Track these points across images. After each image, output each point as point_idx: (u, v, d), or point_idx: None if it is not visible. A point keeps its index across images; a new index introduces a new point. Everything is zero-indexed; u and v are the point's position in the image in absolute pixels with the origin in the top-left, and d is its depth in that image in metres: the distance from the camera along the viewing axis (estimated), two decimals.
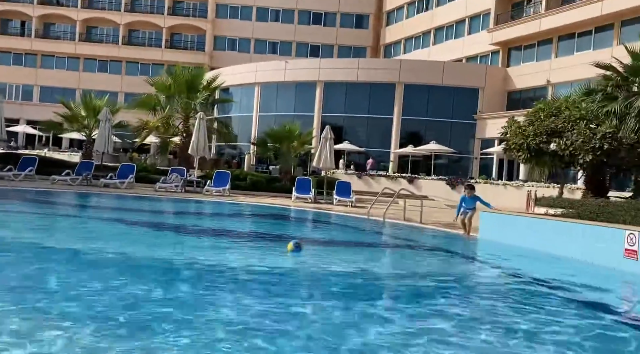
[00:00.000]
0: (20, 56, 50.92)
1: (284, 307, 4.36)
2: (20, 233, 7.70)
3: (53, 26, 51.67)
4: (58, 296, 4.28)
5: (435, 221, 13.43)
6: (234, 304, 4.37)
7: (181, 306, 4.17)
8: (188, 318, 3.85)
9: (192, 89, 22.11)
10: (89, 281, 4.86)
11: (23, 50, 50.54)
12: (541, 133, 17.90)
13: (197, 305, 4.30)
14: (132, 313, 3.93)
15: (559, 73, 31.18)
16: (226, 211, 13.61)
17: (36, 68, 50.72)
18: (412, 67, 35.58)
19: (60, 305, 3.97)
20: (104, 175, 18.64)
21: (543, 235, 8.10)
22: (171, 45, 50.81)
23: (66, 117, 22.90)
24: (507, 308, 4.94)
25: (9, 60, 50.90)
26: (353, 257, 7.49)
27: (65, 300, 4.12)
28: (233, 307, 4.27)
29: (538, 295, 5.61)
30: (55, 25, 51.56)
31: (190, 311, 4.04)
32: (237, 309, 4.24)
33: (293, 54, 48.89)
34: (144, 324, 3.64)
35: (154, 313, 3.94)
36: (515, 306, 5.04)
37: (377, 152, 36.21)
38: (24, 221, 9.13)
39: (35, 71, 50.50)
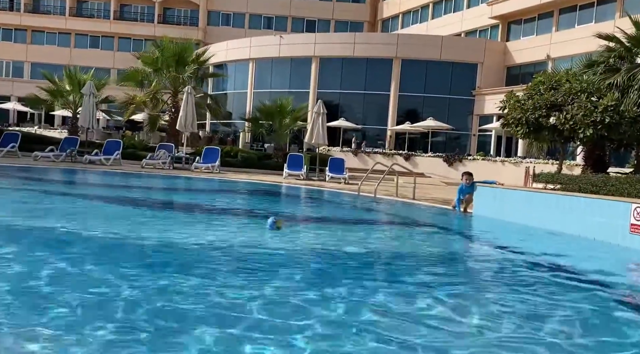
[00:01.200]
0: (10, 31, 49.79)
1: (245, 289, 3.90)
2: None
3: (43, 0, 50.39)
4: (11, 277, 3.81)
5: (430, 198, 12.97)
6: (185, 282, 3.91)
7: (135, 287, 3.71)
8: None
9: (181, 63, 21.39)
10: (46, 259, 4.39)
11: (12, 26, 49.39)
12: (540, 107, 17.28)
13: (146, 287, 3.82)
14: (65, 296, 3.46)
15: (559, 48, 30.42)
16: (210, 188, 13.10)
17: (26, 44, 49.62)
18: (410, 42, 34.75)
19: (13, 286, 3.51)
20: (89, 152, 18.11)
21: (541, 210, 7.64)
22: (164, 20, 49.65)
23: (50, 91, 22.16)
24: (496, 291, 4.48)
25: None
26: (334, 234, 6.99)
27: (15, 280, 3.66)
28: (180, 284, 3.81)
29: (532, 275, 5.14)
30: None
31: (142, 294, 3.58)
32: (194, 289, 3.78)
33: (289, 29, 47.81)
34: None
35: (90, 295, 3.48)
36: (505, 288, 4.58)
37: (374, 129, 35.65)
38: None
39: (26, 47, 49.42)
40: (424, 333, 3.16)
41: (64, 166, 15.79)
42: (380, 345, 2.93)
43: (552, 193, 7.56)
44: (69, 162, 17.20)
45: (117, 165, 17.55)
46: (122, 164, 18.07)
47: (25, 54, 49.16)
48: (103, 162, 17.39)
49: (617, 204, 6.32)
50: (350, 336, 3.00)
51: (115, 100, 23.28)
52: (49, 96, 22.52)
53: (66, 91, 22.15)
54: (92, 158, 17.58)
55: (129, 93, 23.01)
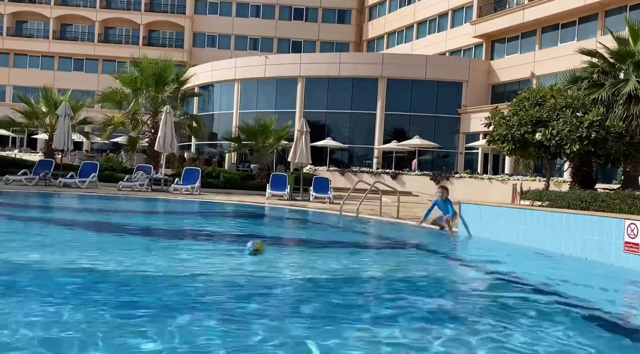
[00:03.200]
0: None
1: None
2: None
3: (25, 24, 50.06)
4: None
5: (415, 217, 12.55)
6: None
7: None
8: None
9: (161, 82, 20.98)
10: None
11: None
12: (526, 123, 17.06)
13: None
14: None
15: (543, 65, 30.58)
16: (184, 210, 12.57)
17: (8, 67, 49.09)
18: (395, 61, 34.81)
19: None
20: (64, 174, 17.49)
21: (529, 229, 7.24)
22: (149, 42, 49.47)
23: (26, 113, 21.55)
24: (479, 317, 4.01)
25: None
26: (307, 258, 6.49)
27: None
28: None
29: (519, 301, 4.68)
30: (27, 22, 49.97)
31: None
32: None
33: (274, 50, 47.83)
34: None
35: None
36: (490, 315, 4.11)
37: (361, 149, 35.42)
38: None
39: (8, 70, 48.88)
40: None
41: (36, 190, 15.18)
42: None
43: (540, 210, 7.17)
44: (42, 186, 16.58)
45: (93, 187, 16.95)
46: (99, 187, 17.48)
47: (7, 78, 48.59)
48: (78, 184, 16.79)
49: (609, 221, 5.91)
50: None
51: (93, 121, 22.73)
52: (24, 118, 21.93)
53: (42, 113, 21.59)
54: (66, 181, 16.97)
55: (107, 115, 22.49)
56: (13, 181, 16.63)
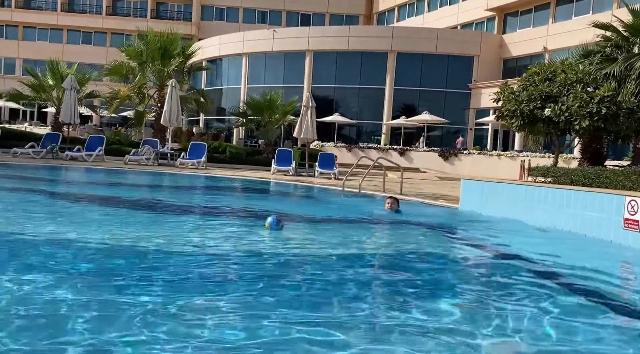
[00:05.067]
0: (1, 28, 49.16)
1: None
2: None
3: None
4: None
5: (418, 193, 12.48)
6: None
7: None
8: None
9: (167, 56, 20.82)
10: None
11: (3, 22, 48.77)
12: (535, 99, 16.76)
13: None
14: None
15: (556, 39, 29.86)
16: (191, 184, 12.59)
17: (18, 40, 49.02)
18: (405, 35, 34.19)
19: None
20: (71, 148, 17.59)
21: (529, 204, 7.15)
22: (157, 15, 49.03)
23: (32, 86, 21.56)
24: (473, 294, 3.98)
25: None
26: (303, 233, 6.46)
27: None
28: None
29: (513, 276, 4.64)
30: None
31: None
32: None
33: (283, 23, 47.18)
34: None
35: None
36: (484, 291, 4.08)
37: (369, 124, 35.15)
38: None
39: (17, 43, 48.81)
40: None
41: (43, 163, 15.27)
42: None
43: (540, 186, 7.06)
44: (49, 159, 16.69)
45: (99, 161, 17.04)
46: (106, 160, 17.56)
47: (17, 51, 48.56)
48: (85, 158, 16.87)
49: (609, 197, 5.80)
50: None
51: (99, 94, 22.70)
52: (31, 91, 21.95)
53: (49, 86, 21.58)
54: (73, 154, 17.05)
55: (113, 88, 22.44)
56: (21, 154, 16.75)
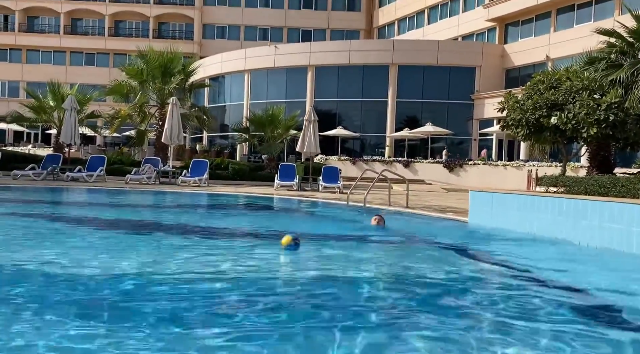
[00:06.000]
0: (5, 51, 49.60)
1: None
2: None
3: (37, 19, 50.28)
4: None
5: (425, 206, 12.19)
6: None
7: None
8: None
9: (167, 74, 20.76)
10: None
11: (7, 45, 49.23)
12: (541, 107, 16.51)
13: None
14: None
15: (558, 48, 29.74)
16: (189, 203, 12.34)
17: (21, 63, 49.41)
18: (406, 47, 34.20)
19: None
20: (72, 169, 17.43)
21: (544, 217, 6.84)
22: (159, 35, 49.36)
23: (33, 108, 21.52)
24: (486, 322, 3.66)
25: None
26: (320, 254, 6.17)
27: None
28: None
29: (526, 293, 4.33)
30: (39, 18, 50.18)
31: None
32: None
33: (284, 39, 47.38)
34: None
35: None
36: (498, 317, 3.77)
37: (373, 137, 34.99)
38: None
39: (21, 66, 49.21)
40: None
41: (43, 184, 15.10)
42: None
43: (554, 197, 6.77)
44: (50, 180, 16.51)
45: (101, 181, 16.85)
46: (107, 180, 17.38)
47: (20, 74, 48.92)
48: (85, 178, 16.69)
49: (631, 207, 5.49)
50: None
51: (101, 114, 22.66)
52: (32, 113, 21.92)
53: (50, 107, 21.54)
54: (74, 175, 16.88)
55: (114, 108, 22.36)
56: (21, 176, 16.59)
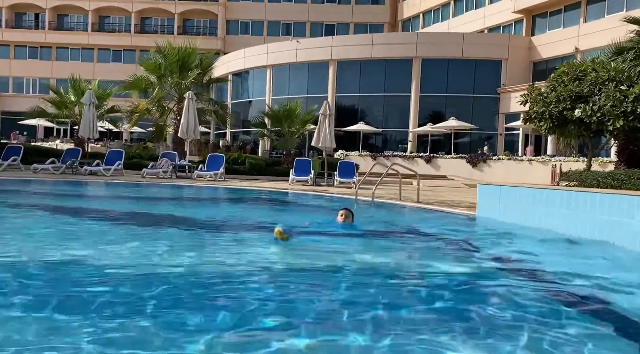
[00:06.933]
0: (36, 49, 50.82)
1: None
2: None
3: (66, 17, 51.33)
4: None
5: (438, 201, 11.84)
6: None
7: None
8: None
9: (185, 69, 20.82)
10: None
11: (38, 43, 50.43)
12: (564, 99, 15.91)
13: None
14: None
15: (588, 39, 28.69)
16: (198, 196, 12.28)
17: (51, 61, 50.55)
18: (430, 40, 33.55)
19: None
20: (90, 163, 17.65)
21: (554, 211, 6.47)
22: (184, 31, 49.80)
23: (54, 102, 21.92)
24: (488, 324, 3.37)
25: (24, 53, 50.89)
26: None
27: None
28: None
29: (536, 301, 4.02)
30: (68, 16, 51.21)
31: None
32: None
33: (307, 34, 47.15)
34: None
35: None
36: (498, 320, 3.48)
37: (395, 132, 34.50)
38: None
39: (51, 63, 50.32)
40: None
41: (61, 178, 15.30)
42: None
43: (563, 190, 6.38)
44: (69, 174, 16.75)
45: (118, 175, 17.01)
46: (125, 174, 17.53)
47: (50, 71, 50.02)
48: (103, 172, 16.88)
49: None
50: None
51: (120, 109, 22.92)
52: (54, 108, 22.32)
53: (71, 102, 21.88)
54: (92, 169, 17.09)
55: (133, 103, 22.59)
56: (41, 170, 16.88)
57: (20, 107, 38.99)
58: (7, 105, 48.40)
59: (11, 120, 45.09)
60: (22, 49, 50.82)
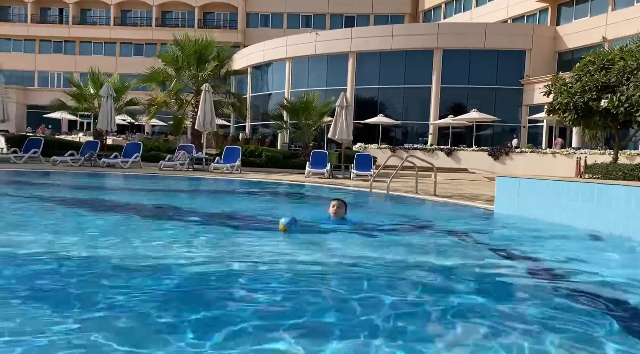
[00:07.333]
0: (60, 44, 51.58)
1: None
2: None
3: (89, 12, 51.94)
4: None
5: (455, 194, 11.54)
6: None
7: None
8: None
9: (202, 61, 20.78)
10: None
11: (62, 38, 51.17)
12: (590, 90, 15.35)
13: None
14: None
15: (616, 28, 27.75)
16: (210, 189, 12.20)
17: (75, 55, 51.25)
18: (452, 31, 32.91)
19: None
20: (108, 155, 17.78)
21: (576, 205, 6.13)
22: (204, 24, 49.93)
23: (73, 95, 22.18)
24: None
25: (49, 48, 51.70)
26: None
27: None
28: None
29: (555, 298, 3.76)
30: (90, 10, 51.80)
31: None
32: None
33: (327, 26, 46.80)
34: None
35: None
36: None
37: (416, 125, 34.03)
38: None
39: (75, 58, 51.02)
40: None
41: (80, 170, 15.41)
42: None
43: (586, 182, 6.04)
44: (87, 166, 16.88)
45: (136, 167, 17.09)
46: (143, 166, 17.60)
47: (74, 65, 50.70)
48: (121, 164, 16.97)
49: None
50: None
51: (138, 102, 23.05)
52: (74, 101, 22.57)
53: (90, 95, 22.09)
54: (109, 161, 17.21)
55: (151, 95, 22.69)
56: (60, 162, 17.06)
57: (45, 101, 39.60)
58: (33, 99, 49.31)
59: (36, 113, 45.90)
60: (47, 44, 51.64)
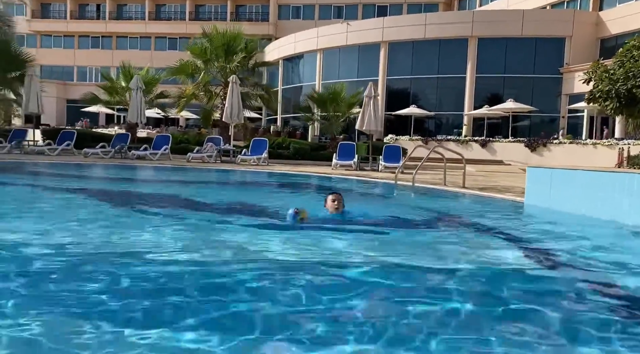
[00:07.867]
0: (98, 39, 52.76)
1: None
2: None
3: (125, 7, 52.87)
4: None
5: (487, 186, 11.05)
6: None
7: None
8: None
9: (230, 53, 20.74)
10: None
11: (99, 33, 52.30)
12: (634, 76, 14.57)
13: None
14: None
15: None
16: (235, 180, 12.10)
17: (112, 50, 52.33)
18: (487, 19, 31.86)
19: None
20: (138, 147, 17.99)
21: (615, 197, 5.66)
22: (236, 17, 50.08)
23: (105, 88, 22.58)
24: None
25: (87, 43, 52.96)
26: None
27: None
28: None
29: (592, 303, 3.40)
30: (126, 5, 52.72)
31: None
32: None
33: (359, 16, 46.17)
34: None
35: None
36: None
37: (449, 116, 33.24)
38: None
39: (112, 53, 52.08)
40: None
41: (110, 162, 15.62)
42: None
43: (628, 173, 5.56)
44: (117, 158, 17.11)
45: (165, 159, 17.22)
46: (172, 158, 17.72)
47: (111, 59, 51.75)
48: (150, 157, 17.13)
49: None
50: None
51: (168, 94, 23.28)
52: (106, 95, 22.99)
53: (121, 88, 22.43)
54: (139, 153, 17.40)
55: (180, 88, 22.86)
56: (91, 154, 17.35)
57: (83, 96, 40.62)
58: (72, 94, 50.59)
59: (75, 108, 47.07)
60: (85, 39, 52.90)
